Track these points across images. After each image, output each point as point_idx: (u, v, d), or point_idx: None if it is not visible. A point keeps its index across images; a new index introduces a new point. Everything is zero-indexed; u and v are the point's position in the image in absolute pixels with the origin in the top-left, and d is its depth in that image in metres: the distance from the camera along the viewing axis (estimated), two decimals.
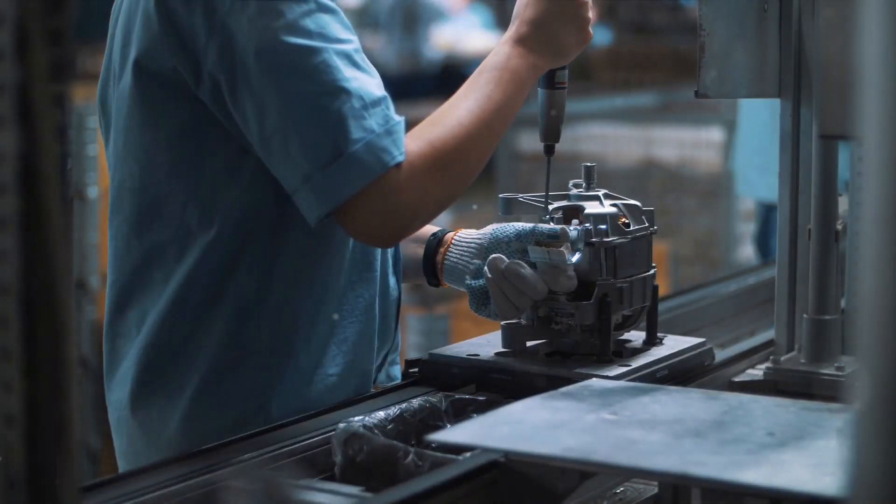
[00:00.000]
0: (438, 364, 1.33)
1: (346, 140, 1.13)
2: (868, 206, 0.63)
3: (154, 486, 1.02)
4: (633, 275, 1.32)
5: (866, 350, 0.63)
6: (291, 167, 1.15)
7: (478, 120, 1.23)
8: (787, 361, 1.42)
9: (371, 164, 1.14)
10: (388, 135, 1.16)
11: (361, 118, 1.14)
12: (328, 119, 1.14)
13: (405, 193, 1.16)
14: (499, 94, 1.26)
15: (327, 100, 1.14)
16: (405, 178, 1.16)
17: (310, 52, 1.14)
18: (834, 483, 0.88)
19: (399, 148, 1.16)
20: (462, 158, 1.22)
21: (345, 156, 1.13)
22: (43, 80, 0.73)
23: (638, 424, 1.04)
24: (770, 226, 2.85)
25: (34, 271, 0.73)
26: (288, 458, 1.12)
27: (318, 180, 1.14)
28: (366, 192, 1.14)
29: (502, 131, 1.28)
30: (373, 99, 1.16)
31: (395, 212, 1.17)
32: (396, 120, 1.18)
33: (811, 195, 1.41)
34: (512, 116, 1.28)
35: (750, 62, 1.40)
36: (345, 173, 1.13)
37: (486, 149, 1.26)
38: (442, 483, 0.99)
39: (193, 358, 1.23)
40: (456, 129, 1.22)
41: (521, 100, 1.29)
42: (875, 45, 0.62)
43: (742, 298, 1.92)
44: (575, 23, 1.31)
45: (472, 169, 1.25)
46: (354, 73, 1.17)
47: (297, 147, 1.14)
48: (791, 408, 1.12)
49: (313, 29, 1.15)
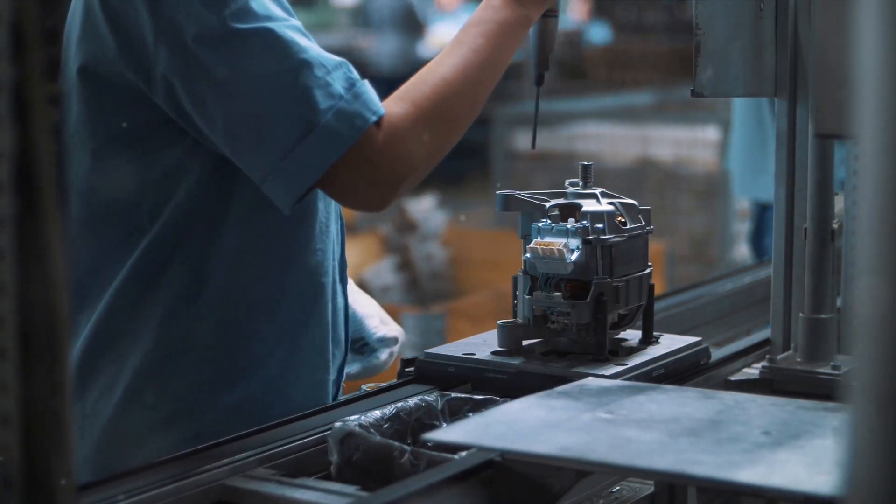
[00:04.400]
0: (434, 363, 1.33)
1: (315, 111, 1.12)
2: (864, 205, 0.63)
3: (150, 486, 1.02)
4: (630, 273, 1.32)
5: (862, 349, 0.63)
6: (264, 151, 1.13)
7: (463, 75, 1.21)
8: (783, 360, 1.42)
9: (344, 131, 1.12)
10: (357, 98, 1.14)
11: (327, 86, 1.13)
12: (294, 94, 1.13)
13: (388, 155, 1.14)
14: (486, 48, 1.24)
15: (290, 75, 1.13)
16: (388, 140, 1.14)
17: (262, 33, 1.13)
18: (830, 482, 0.88)
19: (371, 108, 1.15)
20: (447, 116, 1.20)
21: (317, 127, 1.12)
22: (39, 80, 0.72)
23: (634, 423, 1.04)
24: (764, 225, 2.85)
25: (30, 270, 0.73)
26: (284, 457, 1.12)
27: (294, 157, 1.12)
28: (346, 160, 1.12)
29: (491, 84, 1.26)
30: (333, 64, 1.15)
31: (380, 174, 1.15)
32: (361, 81, 1.16)
33: (807, 194, 1.41)
34: (502, 68, 1.26)
35: (746, 61, 1.40)
36: (320, 144, 1.12)
37: (473, 104, 1.24)
38: (438, 482, 0.99)
39: (128, 353, 1.22)
40: (440, 86, 1.20)
41: (511, 51, 1.27)
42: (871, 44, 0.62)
43: (738, 297, 1.92)
44: None
45: (460, 125, 1.23)
46: (308, 43, 1.16)
47: (268, 129, 1.13)
48: (787, 407, 1.12)
49: (260, 11, 1.15)
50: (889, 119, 0.62)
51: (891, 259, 0.62)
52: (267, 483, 1.06)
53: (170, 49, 1.14)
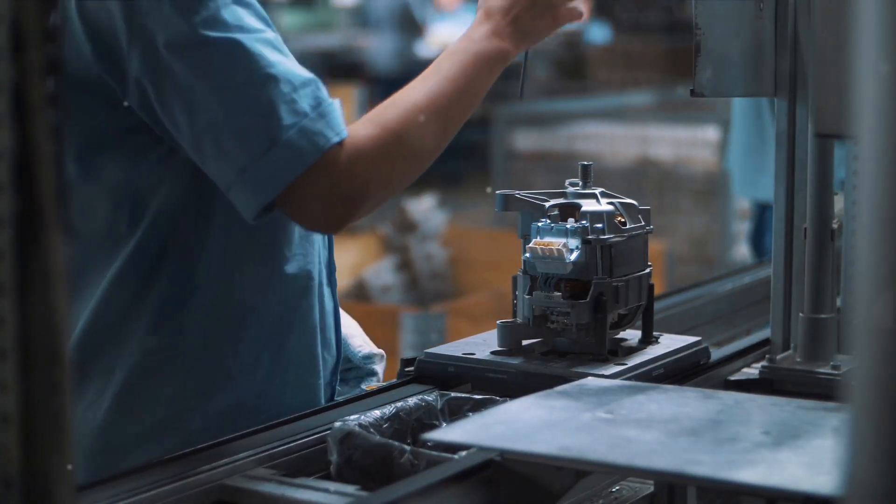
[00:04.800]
0: (434, 363, 1.33)
1: (278, 127, 1.11)
2: (864, 204, 0.63)
3: (149, 486, 1.02)
4: (629, 273, 1.32)
5: (862, 349, 0.63)
6: (226, 162, 1.13)
7: (434, 104, 1.20)
8: (782, 360, 1.42)
9: (306, 148, 1.11)
10: (322, 117, 1.13)
11: (292, 102, 1.12)
12: (258, 108, 1.12)
13: (349, 176, 1.13)
14: (461, 78, 1.23)
15: (255, 89, 1.12)
16: (350, 161, 1.13)
17: (232, 44, 1.13)
18: (830, 482, 0.87)
19: (334, 129, 1.13)
20: (414, 142, 1.19)
21: (279, 143, 1.11)
22: (38, 80, 0.72)
23: (634, 423, 1.04)
24: (764, 225, 2.85)
25: (30, 270, 0.72)
26: (284, 457, 1.12)
27: (254, 171, 1.11)
28: (305, 178, 1.11)
29: (463, 115, 1.25)
30: (301, 81, 1.14)
31: (338, 195, 1.14)
32: (329, 101, 1.15)
33: (807, 194, 1.41)
34: (476, 101, 1.25)
35: (745, 61, 1.40)
36: (281, 161, 1.11)
37: (442, 132, 1.23)
38: (438, 482, 0.99)
39: (115, 361, 1.21)
40: (409, 112, 1.18)
41: (486, 85, 1.26)
42: (871, 44, 0.62)
43: (738, 297, 1.92)
44: (545, 9, 1.28)
45: (426, 153, 1.22)
46: (279, 57, 1.15)
47: (230, 141, 1.12)
48: (787, 407, 1.12)
49: (231, 21, 1.14)
50: (889, 119, 0.62)
51: (891, 259, 0.62)
52: (267, 483, 1.06)
53: (141, 54, 1.14)
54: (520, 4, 1.27)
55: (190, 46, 1.13)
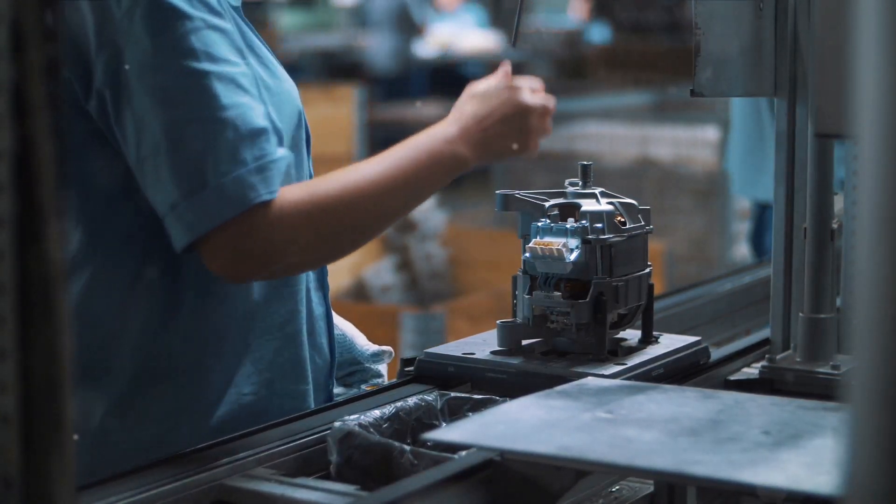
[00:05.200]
0: (434, 363, 1.33)
1: (213, 171, 1.10)
2: (864, 204, 0.63)
3: (149, 486, 1.02)
4: (629, 273, 1.32)
5: (862, 348, 0.63)
6: (161, 193, 1.12)
7: (375, 189, 1.17)
8: (782, 360, 1.42)
9: (234, 199, 1.10)
10: (259, 171, 1.11)
11: (233, 150, 1.10)
12: (197, 148, 1.11)
13: (266, 237, 1.11)
14: (411, 173, 1.19)
15: (201, 128, 1.11)
16: (269, 222, 1.11)
17: (190, 74, 1.11)
18: (830, 482, 0.87)
19: (268, 186, 1.11)
20: (342, 221, 1.16)
21: (209, 187, 1.10)
22: (38, 80, 0.72)
23: (634, 423, 1.04)
24: (764, 224, 2.85)
25: (29, 270, 0.72)
26: (283, 456, 1.12)
27: (182, 209, 1.11)
28: (226, 227, 1.10)
29: (403, 209, 1.23)
30: (250, 130, 1.12)
31: (249, 252, 1.12)
32: (274, 156, 1.13)
33: (807, 194, 1.41)
34: (421, 199, 1.23)
35: (745, 61, 1.40)
36: (208, 205, 1.10)
37: (375, 219, 1.20)
38: (437, 482, 0.99)
39: (102, 382, 1.19)
40: (346, 191, 1.16)
41: (436, 186, 1.23)
42: (871, 44, 0.62)
43: (737, 297, 1.92)
44: (519, 131, 1.25)
45: (355, 234, 1.19)
46: (236, 99, 1.12)
47: (166, 173, 1.11)
48: (787, 406, 1.11)
49: (198, 48, 1.12)
50: (889, 118, 0.62)
51: (891, 259, 0.62)
52: (266, 483, 1.06)
53: (106, 66, 1.13)
54: (494, 118, 1.24)
55: (150, 69, 1.11)
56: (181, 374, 1.21)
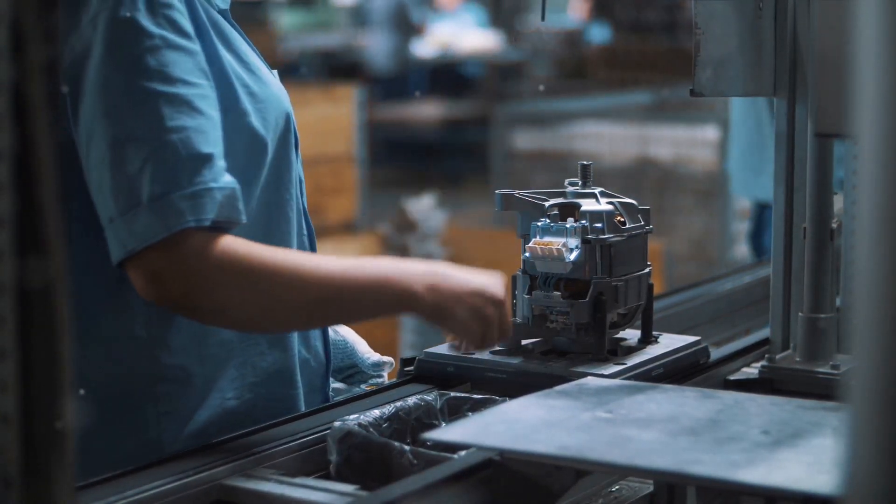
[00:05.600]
0: (434, 362, 1.33)
1: (147, 191, 1.10)
2: (864, 204, 0.63)
3: (149, 486, 1.02)
4: (629, 273, 1.32)
5: (862, 348, 0.63)
6: (102, 205, 1.12)
7: (314, 280, 1.13)
8: (782, 360, 1.42)
9: (162, 221, 1.09)
10: (192, 198, 1.09)
11: (170, 172, 1.09)
12: (136, 166, 1.10)
13: (185, 266, 1.09)
14: (357, 290, 1.15)
15: (141, 147, 1.10)
16: (194, 252, 1.09)
17: (140, 92, 1.11)
18: (829, 482, 0.87)
19: (197, 214, 1.09)
20: (270, 291, 1.12)
21: (141, 207, 1.10)
22: (38, 79, 0.72)
23: (633, 423, 1.04)
24: (763, 224, 2.85)
25: (29, 270, 0.72)
26: (283, 456, 1.12)
27: (118, 225, 1.10)
28: (151, 248, 1.09)
29: (329, 318, 1.20)
30: (192, 154, 1.10)
31: (168, 277, 1.09)
32: (210, 185, 1.11)
33: (806, 193, 1.41)
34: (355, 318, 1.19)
35: (745, 60, 1.40)
36: (137, 224, 1.09)
37: (303, 310, 1.15)
38: (437, 481, 0.99)
39: (78, 389, 1.16)
40: (287, 268, 1.13)
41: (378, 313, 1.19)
42: (870, 43, 0.62)
43: (737, 297, 1.92)
44: (481, 314, 1.20)
45: (277, 314, 1.15)
46: (184, 122, 1.11)
47: (107, 187, 1.11)
48: (786, 406, 1.11)
49: (153, 67, 1.11)
50: (889, 118, 0.62)
51: (890, 258, 0.62)
52: (266, 482, 1.06)
53: (68, 70, 1.12)
54: (467, 299, 1.19)
55: (104, 82, 1.11)
56: (163, 379, 1.20)
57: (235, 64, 1.21)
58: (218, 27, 1.22)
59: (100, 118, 1.11)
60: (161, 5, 1.13)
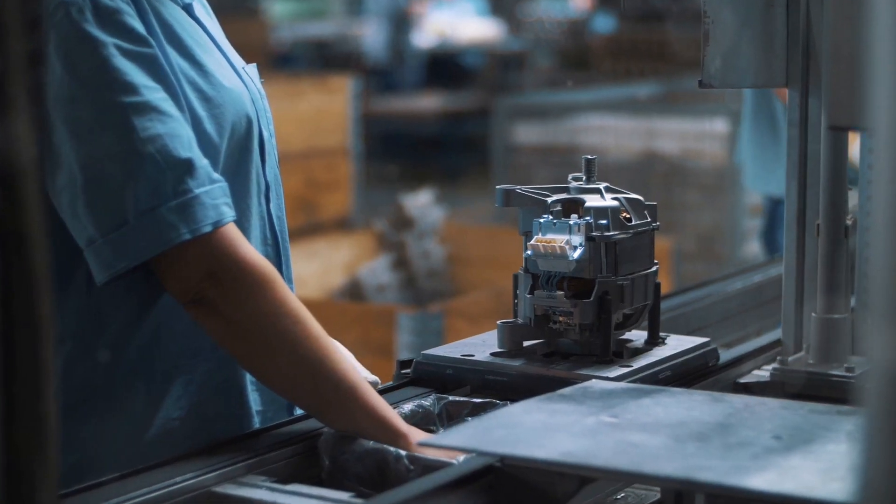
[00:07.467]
0: (432, 365, 1.31)
1: (132, 208, 1.08)
2: (879, 199, 0.61)
3: (136, 493, 1.01)
4: (635, 272, 1.30)
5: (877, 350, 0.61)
6: (78, 227, 1.10)
7: (302, 345, 1.11)
8: (794, 362, 1.40)
9: (154, 238, 1.08)
10: (181, 209, 1.08)
11: (154, 185, 1.08)
12: (116, 184, 1.08)
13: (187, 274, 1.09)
14: (327, 382, 1.12)
15: (118, 163, 1.08)
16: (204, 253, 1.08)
17: (106, 106, 1.08)
18: (844, 489, 0.88)
19: (189, 224, 1.08)
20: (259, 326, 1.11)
21: (128, 225, 1.08)
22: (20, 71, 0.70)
23: (639, 427, 1.03)
24: (777, 221, 2.82)
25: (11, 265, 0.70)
26: (274, 462, 1.10)
27: (100, 245, 1.09)
28: (169, 254, 1.08)
29: (294, 393, 1.15)
30: (172, 162, 1.09)
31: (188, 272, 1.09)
32: (196, 191, 1.09)
33: (820, 189, 1.38)
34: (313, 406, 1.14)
35: (756, 51, 1.38)
36: (126, 243, 1.08)
37: (276, 359, 1.13)
38: (435, 488, 0.97)
39: None
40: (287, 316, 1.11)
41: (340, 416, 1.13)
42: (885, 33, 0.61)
43: (748, 296, 1.90)
44: None
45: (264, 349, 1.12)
46: (157, 129, 1.09)
47: (83, 209, 1.09)
48: (799, 410, 1.11)
49: (114, 78, 1.09)
50: None
51: None
52: (257, 489, 1.05)
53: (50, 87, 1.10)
54: None
55: (64, 100, 1.09)
56: (106, 397, 1.18)
57: (187, 67, 1.18)
58: (170, 29, 1.18)
59: (67, 138, 1.09)
60: (110, 12, 1.11)
